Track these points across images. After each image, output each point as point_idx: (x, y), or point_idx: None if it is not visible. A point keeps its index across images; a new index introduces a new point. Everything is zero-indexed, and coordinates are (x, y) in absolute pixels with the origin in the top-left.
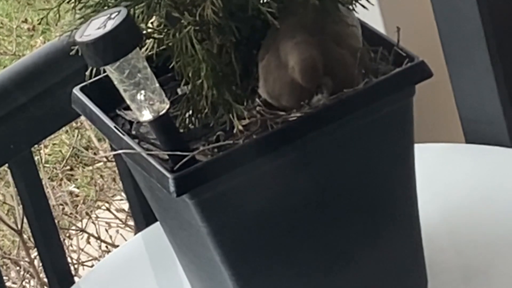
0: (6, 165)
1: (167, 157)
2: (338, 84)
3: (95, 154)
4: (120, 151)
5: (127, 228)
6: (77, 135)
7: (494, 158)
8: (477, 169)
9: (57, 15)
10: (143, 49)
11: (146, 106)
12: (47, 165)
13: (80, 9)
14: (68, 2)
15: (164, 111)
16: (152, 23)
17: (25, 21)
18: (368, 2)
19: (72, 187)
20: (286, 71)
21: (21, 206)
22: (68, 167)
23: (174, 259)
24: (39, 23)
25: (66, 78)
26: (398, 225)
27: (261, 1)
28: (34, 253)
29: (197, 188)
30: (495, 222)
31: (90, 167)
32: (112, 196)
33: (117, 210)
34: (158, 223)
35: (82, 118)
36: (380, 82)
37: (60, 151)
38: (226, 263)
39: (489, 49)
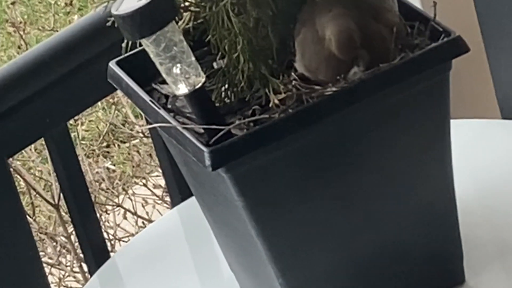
0: (42, 139)
1: (202, 131)
2: (374, 58)
3: (131, 130)
4: (156, 125)
5: (164, 204)
6: (114, 112)
7: None
8: None
9: None
10: (180, 23)
11: (182, 79)
12: (84, 142)
13: None
14: None
15: (200, 85)
16: None
17: None
18: None
19: (108, 164)
20: (323, 44)
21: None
22: (104, 144)
23: (210, 234)
24: None
25: (102, 52)
26: (434, 201)
27: None
28: (70, 228)
29: (232, 162)
30: None
31: (127, 144)
32: (149, 172)
33: (154, 186)
34: (193, 198)
35: (119, 94)
36: (417, 57)
37: (97, 127)
38: (261, 237)
39: None
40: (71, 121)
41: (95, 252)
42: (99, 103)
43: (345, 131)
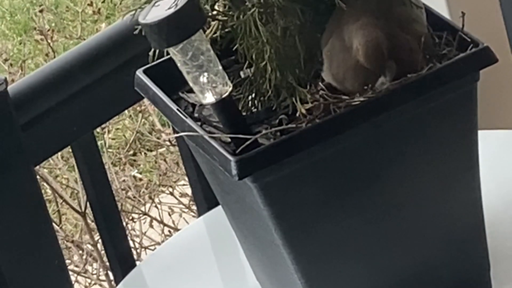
0: (69, 147)
1: (229, 140)
2: (402, 69)
3: (158, 138)
4: (182, 134)
5: (191, 213)
6: (141, 120)
7: None
8: None
9: None
10: (207, 31)
11: (209, 88)
12: (110, 150)
13: None
14: None
15: (227, 94)
16: (216, 5)
17: (90, 4)
18: None
19: (134, 172)
20: (351, 53)
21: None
22: (131, 152)
23: (236, 243)
24: (103, 1)
25: (130, 60)
26: (461, 212)
27: None
28: (97, 236)
29: (259, 171)
30: None
31: (153, 152)
32: (176, 181)
33: (181, 195)
34: (220, 206)
35: (146, 102)
36: (444, 67)
37: (124, 135)
38: (287, 246)
39: None
40: (98, 129)
41: (121, 260)
42: (126, 111)
43: (372, 142)
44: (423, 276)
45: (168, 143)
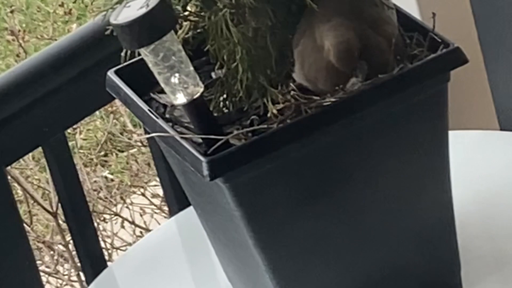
0: (41, 148)
1: (200, 140)
2: (373, 69)
3: (129, 139)
4: (154, 134)
5: (162, 214)
6: (112, 121)
7: None
8: (510, 156)
9: None
10: (179, 32)
11: (180, 89)
12: (82, 151)
13: None
14: None
15: (198, 95)
16: (188, 5)
17: (61, 5)
18: None
19: (106, 173)
20: (322, 54)
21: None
22: (102, 153)
23: (207, 244)
24: (74, 1)
25: (101, 61)
26: (432, 212)
27: None
28: (68, 237)
29: (230, 172)
30: None
31: (125, 153)
32: (147, 182)
33: (152, 196)
34: (191, 207)
35: (117, 103)
36: (415, 68)
37: (95, 136)
38: (259, 247)
39: None
40: (69, 130)
41: (92, 261)
42: (97, 112)
43: (343, 142)
44: (393, 277)
45: (139, 143)
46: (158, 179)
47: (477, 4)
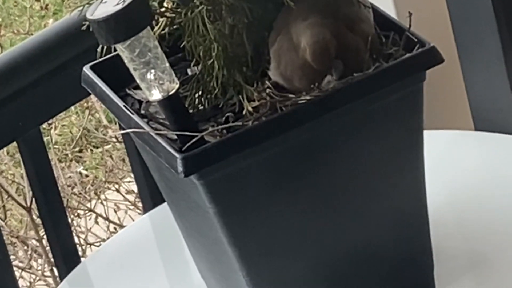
0: (15, 143)
1: (175, 137)
2: (349, 68)
3: (104, 135)
4: (128, 130)
5: (136, 210)
6: (87, 116)
7: (502, 146)
8: (485, 157)
9: None
10: (155, 28)
11: (155, 85)
12: (56, 146)
13: None
14: None
15: (173, 91)
16: (165, 1)
17: (38, 0)
18: None
19: (80, 169)
20: (298, 52)
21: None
22: (77, 149)
23: (181, 240)
24: None
25: (77, 56)
26: (405, 210)
27: None
28: (42, 232)
29: (205, 168)
30: (502, 209)
31: (100, 149)
32: (122, 178)
33: (127, 192)
34: (165, 204)
35: (93, 98)
36: (391, 67)
37: (70, 132)
38: (232, 244)
39: (501, 37)
40: (44, 125)
41: (66, 256)
42: (72, 107)
43: (318, 140)
44: (366, 274)
45: (114, 139)
46: (132, 175)
47: (454, 4)
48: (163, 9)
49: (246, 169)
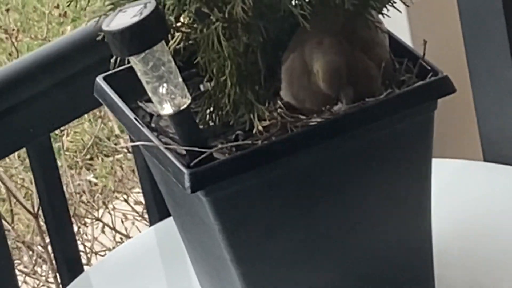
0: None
1: (184, 152)
2: (361, 92)
3: (116, 144)
4: (138, 143)
5: (144, 221)
6: (100, 125)
7: (510, 178)
8: (493, 188)
9: (88, 1)
10: (171, 42)
11: (167, 99)
12: (67, 153)
13: None
14: None
15: (185, 106)
16: (181, 16)
17: (57, 6)
18: (397, 10)
19: (90, 177)
20: (310, 75)
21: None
22: (88, 157)
23: (184, 254)
24: (68, 5)
25: (91, 66)
26: (410, 238)
27: (293, 3)
28: (48, 238)
29: (212, 185)
30: (507, 241)
31: (110, 158)
32: (131, 188)
33: (135, 202)
34: (171, 217)
35: (106, 108)
36: (402, 93)
37: (82, 139)
38: (236, 262)
39: None
40: (57, 131)
41: (70, 264)
42: (85, 115)
43: (326, 163)
44: None
45: (125, 150)
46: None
47: (469, 34)
48: (179, 24)
49: (253, 188)
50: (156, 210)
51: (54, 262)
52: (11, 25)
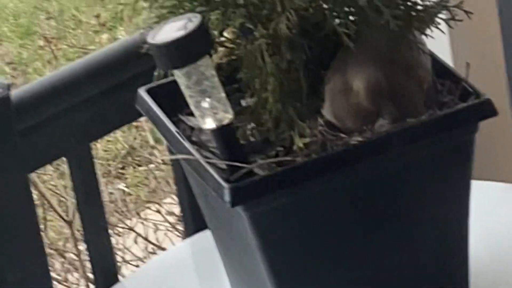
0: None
1: (225, 166)
2: (402, 113)
3: (150, 154)
4: (179, 156)
5: (175, 232)
6: (134, 134)
7: None
8: None
9: (131, 12)
10: (214, 57)
11: (209, 114)
12: (100, 161)
13: (156, 9)
14: (145, 0)
15: (227, 121)
16: (226, 32)
17: (97, 16)
18: (440, 31)
19: (122, 186)
20: (352, 93)
21: (73, 198)
22: (120, 166)
23: (221, 269)
24: (113, 18)
25: (134, 77)
26: (446, 260)
27: (337, 22)
28: (81, 246)
29: (252, 200)
30: None
31: (143, 168)
32: (163, 199)
33: (167, 213)
34: (208, 230)
35: (141, 117)
36: (444, 115)
37: (116, 148)
38: (272, 279)
39: None
40: None
41: (105, 274)
42: None
43: (366, 182)
44: None
45: (159, 160)
46: (174, 196)
47: (510, 56)
48: (223, 39)
49: (292, 204)
50: (192, 222)
51: (86, 270)
52: (48, 32)
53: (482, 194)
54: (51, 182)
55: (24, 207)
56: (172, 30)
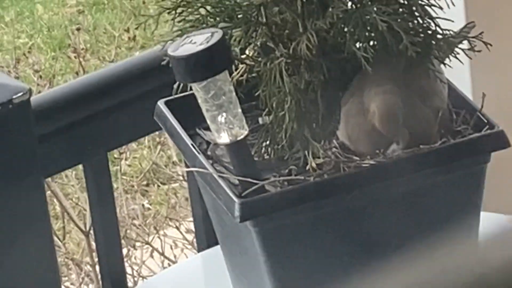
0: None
1: (237, 182)
2: (415, 139)
3: (173, 172)
4: (193, 169)
5: (193, 250)
6: (159, 152)
7: None
8: None
9: (156, 26)
10: (234, 73)
11: (225, 129)
12: (125, 177)
13: (178, 22)
14: (168, 13)
15: (242, 137)
16: (246, 49)
17: (127, 30)
18: (459, 61)
19: (145, 202)
20: (366, 116)
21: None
22: (144, 182)
23: (229, 284)
24: (136, 28)
25: (153, 90)
26: None
27: (357, 46)
28: (97, 258)
29: (261, 216)
30: None
31: (166, 186)
32: (183, 217)
33: (187, 231)
34: (219, 246)
35: (166, 135)
36: (457, 144)
37: (140, 164)
38: None
39: None
40: (116, 155)
41: (115, 285)
42: (146, 141)
43: (375, 204)
44: None
45: (181, 178)
46: None
47: None
48: (244, 56)
49: (301, 223)
50: (205, 237)
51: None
52: (80, 45)
53: (489, 225)
54: (75, 195)
55: (38, 210)
56: (193, 44)
